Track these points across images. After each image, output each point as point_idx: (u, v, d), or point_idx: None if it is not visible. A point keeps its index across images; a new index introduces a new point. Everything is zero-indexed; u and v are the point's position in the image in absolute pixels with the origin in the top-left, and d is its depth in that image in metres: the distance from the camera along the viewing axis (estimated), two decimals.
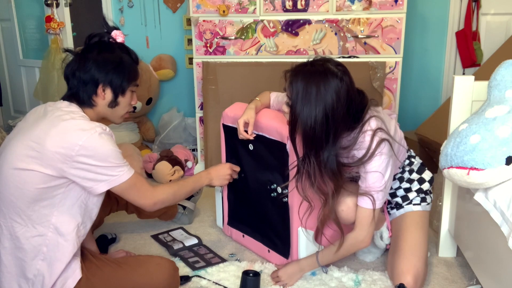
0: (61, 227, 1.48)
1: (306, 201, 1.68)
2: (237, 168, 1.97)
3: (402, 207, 1.87)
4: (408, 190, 1.87)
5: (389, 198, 1.89)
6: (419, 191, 1.87)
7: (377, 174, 1.61)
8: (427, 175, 1.90)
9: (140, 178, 1.60)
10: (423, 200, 1.87)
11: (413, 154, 1.95)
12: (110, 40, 1.65)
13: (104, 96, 1.59)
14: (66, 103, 1.57)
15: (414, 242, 1.78)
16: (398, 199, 1.88)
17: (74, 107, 1.56)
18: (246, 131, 1.82)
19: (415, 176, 1.88)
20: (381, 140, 1.59)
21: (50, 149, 1.42)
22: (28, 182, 1.43)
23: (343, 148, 1.61)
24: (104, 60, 1.58)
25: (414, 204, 1.86)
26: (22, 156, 1.44)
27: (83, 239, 1.57)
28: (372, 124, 1.61)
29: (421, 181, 1.88)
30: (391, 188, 1.89)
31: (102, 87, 1.58)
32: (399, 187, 1.88)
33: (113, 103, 1.63)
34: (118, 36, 1.65)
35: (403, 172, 1.89)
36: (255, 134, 1.83)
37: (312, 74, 1.52)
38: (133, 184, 1.55)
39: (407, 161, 1.90)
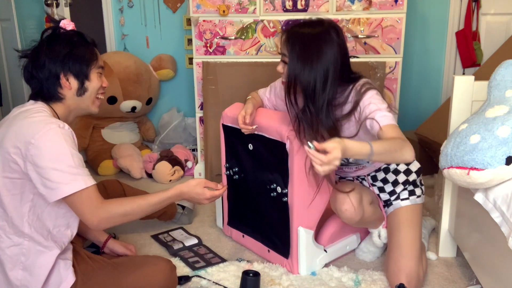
0: (35, 236, 1.44)
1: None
2: (219, 190, 1.69)
3: (392, 203, 1.86)
4: (395, 183, 1.86)
5: (377, 192, 1.89)
6: (405, 183, 1.85)
7: (373, 103, 1.56)
8: (414, 165, 1.88)
9: (91, 191, 1.40)
10: (412, 193, 1.85)
11: None
12: (62, 31, 1.59)
13: (70, 85, 1.53)
14: (31, 101, 1.52)
15: (404, 241, 1.76)
16: (386, 195, 1.87)
17: (38, 105, 1.50)
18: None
19: (401, 167, 1.86)
20: (369, 87, 1.62)
21: (8, 150, 1.37)
22: None
23: (337, 105, 1.62)
24: (56, 50, 1.52)
25: (402, 200, 1.84)
26: None
27: (69, 241, 1.52)
28: (362, 82, 1.64)
29: (407, 172, 1.87)
30: (377, 180, 1.88)
31: (64, 78, 1.51)
32: (385, 179, 1.87)
33: (81, 90, 1.55)
34: (67, 25, 1.59)
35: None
36: (256, 126, 1.81)
37: (312, 35, 1.58)
38: (81, 196, 1.38)
39: None
